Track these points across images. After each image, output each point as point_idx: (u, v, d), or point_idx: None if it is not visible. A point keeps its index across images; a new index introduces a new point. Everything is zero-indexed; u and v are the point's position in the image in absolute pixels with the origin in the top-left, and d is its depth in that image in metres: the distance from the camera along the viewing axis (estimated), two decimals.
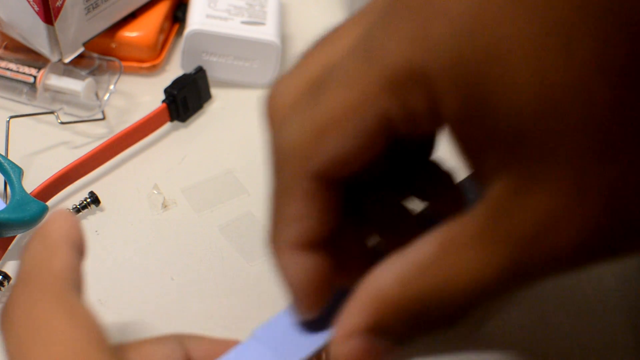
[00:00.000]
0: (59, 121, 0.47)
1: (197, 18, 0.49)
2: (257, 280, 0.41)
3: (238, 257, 0.42)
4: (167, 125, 0.49)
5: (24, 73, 0.48)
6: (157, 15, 0.52)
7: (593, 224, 0.21)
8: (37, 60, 0.49)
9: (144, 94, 0.51)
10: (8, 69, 0.48)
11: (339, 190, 0.25)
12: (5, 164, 0.43)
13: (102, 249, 0.43)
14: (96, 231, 0.44)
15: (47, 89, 0.48)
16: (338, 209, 0.26)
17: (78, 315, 0.25)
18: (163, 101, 0.48)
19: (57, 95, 0.48)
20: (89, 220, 0.44)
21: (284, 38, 0.52)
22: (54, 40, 0.47)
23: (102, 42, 0.51)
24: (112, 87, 0.49)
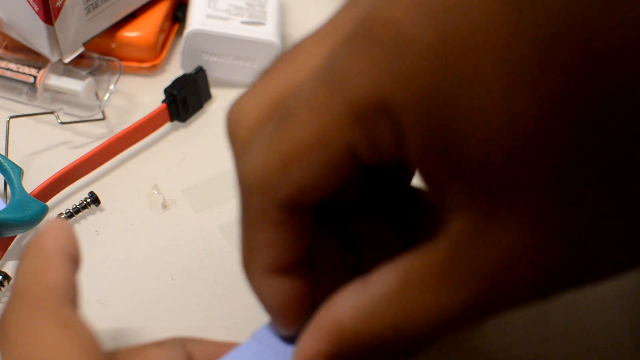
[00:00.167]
0: (59, 121, 0.47)
1: (197, 18, 0.49)
2: None
3: (238, 257, 0.42)
4: (167, 125, 0.49)
5: (24, 73, 0.48)
6: (157, 15, 0.52)
7: (556, 261, 0.21)
8: (37, 60, 0.49)
9: (144, 94, 0.51)
10: (8, 69, 0.48)
11: (309, 214, 0.25)
12: (5, 164, 0.43)
13: (102, 249, 0.43)
14: (96, 231, 0.44)
15: (47, 89, 0.48)
16: (309, 231, 0.25)
17: (73, 329, 0.25)
18: (163, 101, 0.48)
19: (57, 95, 0.48)
20: (89, 220, 0.44)
21: (284, 38, 0.52)
22: (54, 40, 0.47)
23: (102, 42, 0.51)
24: (112, 87, 0.49)
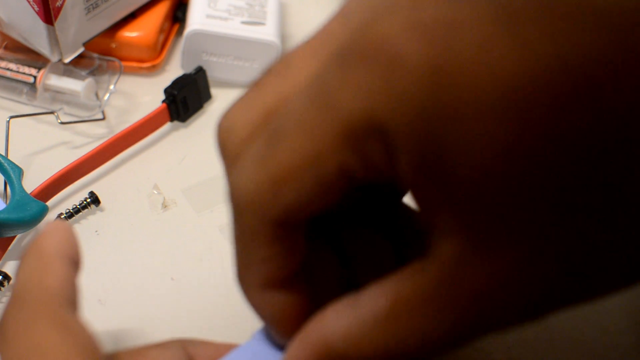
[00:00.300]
0: (59, 121, 0.47)
1: (197, 18, 0.49)
2: None
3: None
4: (167, 125, 0.49)
5: (24, 73, 0.48)
6: (157, 15, 0.52)
7: (545, 286, 0.21)
8: (37, 60, 0.49)
9: (144, 94, 0.51)
10: (8, 69, 0.48)
11: (303, 228, 0.25)
12: (5, 164, 0.43)
13: (102, 249, 0.43)
14: (96, 231, 0.44)
15: (47, 89, 0.48)
16: (303, 244, 0.25)
17: (72, 332, 0.25)
18: (163, 101, 0.48)
19: (57, 95, 0.48)
20: (89, 220, 0.44)
21: (284, 38, 0.52)
22: (54, 40, 0.47)
23: (102, 42, 0.51)
24: (112, 87, 0.49)
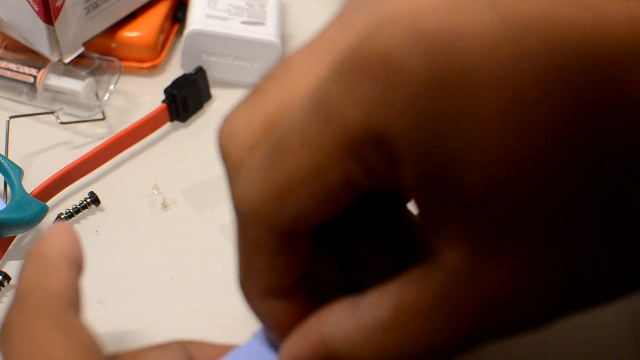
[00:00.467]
0: (59, 121, 0.47)
1: (197, 18, 0.49)
2: None
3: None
4: (167, 125, 0.49)
5: (24, 73, 0.48)
6: (157, 15, 0.52)
7: (550, 295, 0.21)
8: (37, 60, 0.49)
9: (144, 94, 0.51)
10: (8, 69, 0.48)
11: (306, 238, 0.25)
12: (5, 164, 0.43)
13: (102, 249, 0.43)
14: (96, 231, 0.44)
15: (47, 89, 0.48)
16: (306, 254, 0.25)
17: (75, 334, 0.25)
18: (163, 101, 0.48)
19: (57, 95, 0.48)
20: (89, 220, 0.44)
21: (284, 38, 0.51)
22: (54, 40, 0.47)
23: (102, 42, 0.51)
24: (112, 87, 0.49)
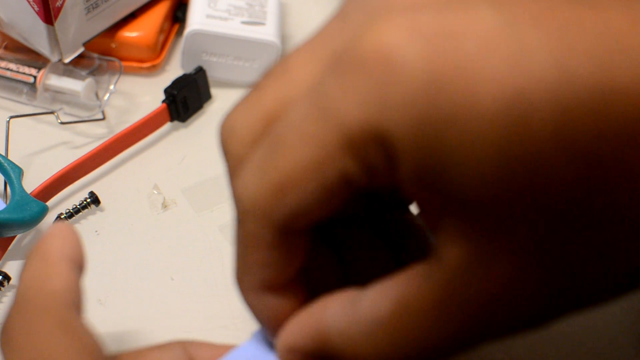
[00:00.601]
0: (59, 121, 0.47)
1: (197, 18, 0.49)
2: None
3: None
4: (167, 125, 0.49)
5: (24, 73, 0.48)
6: (157, 15, 0.52)
7: (549, 294, 0.21)
8: (37, 60, 0.49)
9: (144, 94, 0.51)
10: (8, 69, 0.48)
11: (304, 234, 0.25)
12: (5, 164, 0.43)
13: (102, 249, 0.43)
14: (96, 231, 0.44)
15: (47, 89, 0.48)
16: (304, 251, 0.25)
17: (76, 334, 0.25)
18: (163, 101, 0.48)
19: (57, 95, 0.48)
20: (89, 220, 0.44)
21: (284, 38, 0.51)
22: (54, 40, 0.47)
23: (102, 42, 0.51)
24: (112, 87, 0.49)
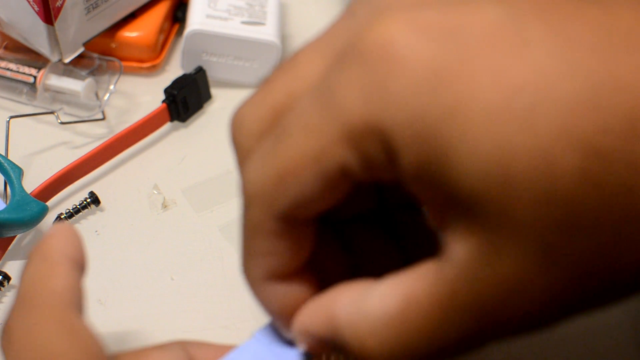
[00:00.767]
0: (59, 121, 0.47)
1: (197, 18, 0.49)
2: None
3: (238, 257, 0.42)
4: (167, 125, 0.49)
5: (24, 73, 0.48)
6: (157, 15, 0.52)
7: (558, 291, 0.21)
8: (37, 60, 0.49)
9: (144, 94, 0.51)
10: (8, 69, 0.48)
11: (310, 226, 0.25)
12: (5, 164, 0.43)
13: (102, 249, 0.43)
14: (96, 231, 0.44)
15: (47, 89, 0.48)
16: (310, 241, 0.25)
17: (77, 335, 0.25)
18: (163, 101, 0.48)
19: (57, 95, 0.48)
20: (89, 220, 0.44)
21: (284, 38, 0.52)
22: (54, 40, 0.47)
23: (102, 42, 0.51)
24: (112, 87, 0.49)
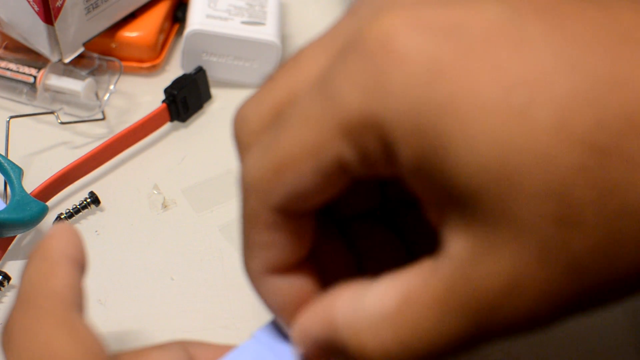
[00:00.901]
0: (59, 121, 0.47)
1: (197, 18, 0.49)
2: None
3: (238, 257, 0.42)
4: (167, 125, 0.49)
5: (24, 73, 0.48)
6: (157, 15, 0.52)
7: (556, 288, 0.21)
8: (37, 60, 0.49)
9: (144, 94, 0.51)
10: (8, 69, 0.48)
11: (309, 219, 0.25)
12: (5, 164, 0.43)
13: (102, 249, 0.43)
14: (96, 231, 0.44)
15: (47, 89, 0.48)
16: (309, 235, 0.25)
17: (78, 334, 0.25)
18: (163, 101, 0.48)
19: (57, 95, 0.48)
20: (89, 220, 0.44)
21: (284, 38, 0.52)
22: (54, 40, 0.47)
23: (102, 42, 0.51)
24: (112, 87, 0.49)
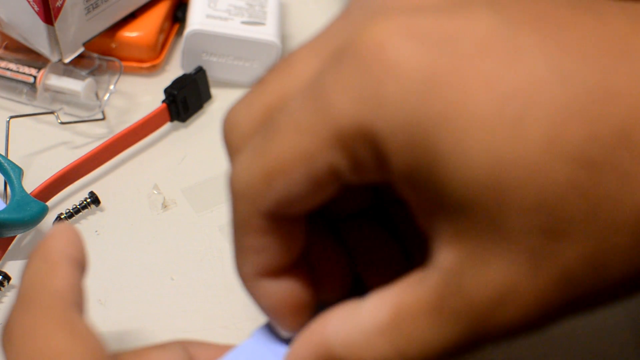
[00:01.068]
0: (59, 121, 0.47)
1: (197, 18, 0.49)
2: None
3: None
4: (167, 125, 0.49)
5: (24, 73, 0.48)
6: (157, 15, 0.52)
7: (547, 296, 0.21)
8: (37, 60, 0.49)
9: (144, 94, 0.51)
10: (8, 69, 0.48)
11: (299, 223, 0.25)
12: (5, 164, 0.43)
13: (102, 249, 0.43)
14: (96, 231, 0.44)
15: (47, 89, 0.48)
16: (300, 239, 0.25)
17: (79, 334, 0.25)
18: (163, 101, 0.48)
19: (57, 95, 0.48)
20: (89, 220, 0.44)
21: (284, 38, 0.51)
22: (54, 40, 0.47)
23: (102, 42, 0.51)
24: (112, 87, 0.49)
